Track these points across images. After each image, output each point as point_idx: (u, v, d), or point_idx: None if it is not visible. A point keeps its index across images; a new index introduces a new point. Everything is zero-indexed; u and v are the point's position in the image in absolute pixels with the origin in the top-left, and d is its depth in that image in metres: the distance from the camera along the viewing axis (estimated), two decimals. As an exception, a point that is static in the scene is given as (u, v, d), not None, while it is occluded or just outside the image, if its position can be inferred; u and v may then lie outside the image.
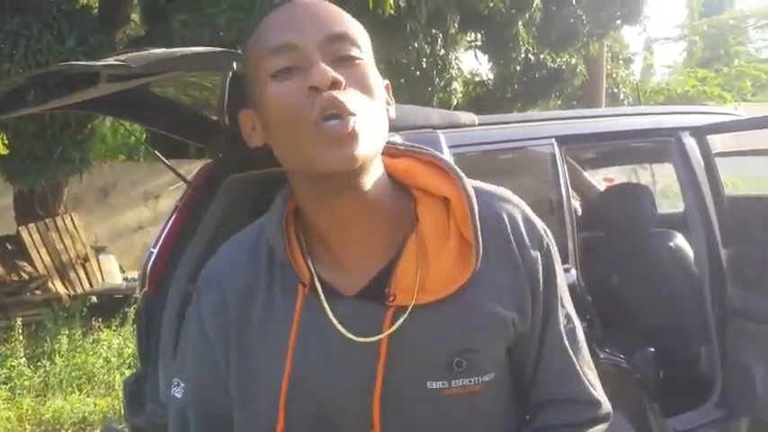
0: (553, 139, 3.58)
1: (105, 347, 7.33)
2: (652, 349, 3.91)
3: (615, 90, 19.37)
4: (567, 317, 1.35)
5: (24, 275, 9.36)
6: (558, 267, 1.34)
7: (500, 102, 14.14)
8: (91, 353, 7.26)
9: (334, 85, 1.12)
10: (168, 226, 4.14)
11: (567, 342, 1.34)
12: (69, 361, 7.05)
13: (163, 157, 4.49)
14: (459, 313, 1.23)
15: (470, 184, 1.28)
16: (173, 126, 4.16)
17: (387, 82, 1.28)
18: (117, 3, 8.85)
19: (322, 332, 1.24)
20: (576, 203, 5.11)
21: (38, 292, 9.31)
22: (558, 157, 3.54)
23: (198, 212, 4.11)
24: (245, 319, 1.29)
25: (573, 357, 1.35)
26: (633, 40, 50.66)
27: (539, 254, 1.30)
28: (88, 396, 6.49)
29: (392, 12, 8.07)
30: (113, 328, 7.89)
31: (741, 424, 3.82)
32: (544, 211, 3.41)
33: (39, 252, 9.74)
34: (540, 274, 1.30)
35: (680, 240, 4.15)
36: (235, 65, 2.72)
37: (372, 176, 1.21)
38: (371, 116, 1.16)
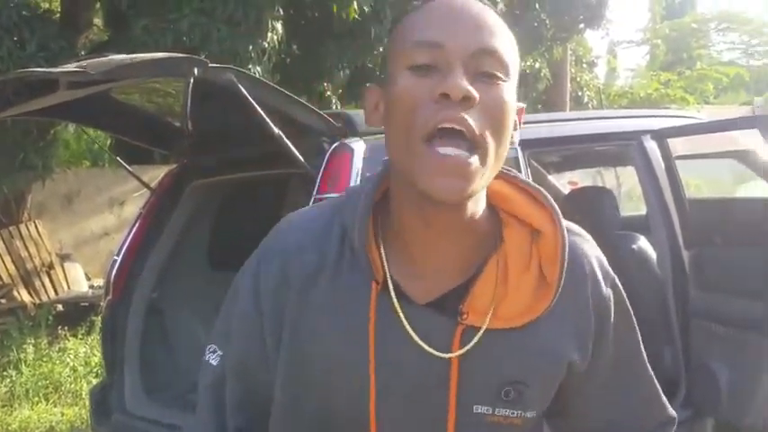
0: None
1: (72, 356, 7.23)
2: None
3: (579, 93, 19.55)
4: None
5: (-12, 284, 9.26)
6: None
7: (466, 106, 14.21)
8: (57, 362, 7.16)
9: (466, 100, 1.08)
10: (132, 233, 4.12)
11: (650, 370, 1.39)
12: (36, 370, 6.96)
13: (126, 164, 4.47)
14: (523, 345, 1.21)
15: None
16: (136, 132, 4.14)
17: (523, 106, 1.25)
18: (78, 8, 8.73)
19: (392, 333, 1.20)
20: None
21: (2, 300, 9.17)
22: (521, 162, 3.54)
23: (161, 219, 4.09)
24: (305, 301, 1.24)
25: (657, 383, 1.41)
26: (596, 44, 50.97)
27: (611, 292, 1.30)
28: (55, 406, 6.41)
29: (356, 16, 8.06)
30: (80, 336, 7.79)
31: (706, 425, 3.85)
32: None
33: (3, 260, 9.62)
34: (612, 311, 1.29)
35: (643, 243, 4.16)
36: (196, 71, 2.70)
37: (477, 201, 1.19)
38: (493, 145, 1.13)
